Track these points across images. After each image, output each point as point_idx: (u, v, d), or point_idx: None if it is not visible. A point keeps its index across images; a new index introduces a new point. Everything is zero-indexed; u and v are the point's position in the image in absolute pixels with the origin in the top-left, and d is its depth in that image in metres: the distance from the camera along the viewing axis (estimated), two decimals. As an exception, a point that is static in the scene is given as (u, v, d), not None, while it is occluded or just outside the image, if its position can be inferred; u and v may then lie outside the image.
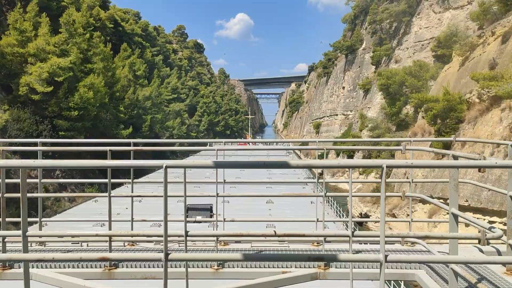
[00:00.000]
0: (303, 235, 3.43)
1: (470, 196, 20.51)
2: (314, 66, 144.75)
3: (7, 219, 5.03)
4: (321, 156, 33.05)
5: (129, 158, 5.70)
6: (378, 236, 2.95)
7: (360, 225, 32.69)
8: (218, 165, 3.27)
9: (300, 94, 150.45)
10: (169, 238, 3.05)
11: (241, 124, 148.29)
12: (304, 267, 5.03)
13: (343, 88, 78.51)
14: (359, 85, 66.29)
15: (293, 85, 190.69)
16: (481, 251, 5.35)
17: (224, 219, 5.99)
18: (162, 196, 2.93)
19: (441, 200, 17.64)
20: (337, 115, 78.32)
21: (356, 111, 64.48)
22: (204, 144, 31.25)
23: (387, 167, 2.79)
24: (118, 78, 47.62)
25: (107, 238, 5.37)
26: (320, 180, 6.42)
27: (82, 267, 5.19)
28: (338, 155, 53.83)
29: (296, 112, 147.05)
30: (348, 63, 78.63)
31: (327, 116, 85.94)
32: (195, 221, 6.65)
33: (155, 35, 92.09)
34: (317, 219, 5.90)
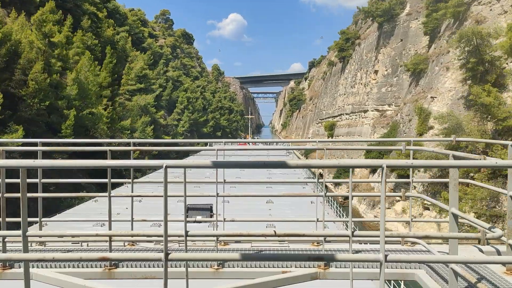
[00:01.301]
0: (303, 235, 3.43)
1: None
2: (315, 62, 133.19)
3: (7, 219, 5.03)
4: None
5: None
6: (378, 236, 2.95)
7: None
8: (218, 165, 3.28)
9: (301, 91, 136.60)
10: (169, 238, 3.05)
11: (235, 124, 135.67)
12: (304, 267, 5.03)
13: (375, 72, 55.08)
14: (405, 65, 44.25)
15: (292, 83, 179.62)
16: (481, 251, 5.35)
17: (224, 219, 5.99)
18: (162, 196, 2.93)
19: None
20: (366, 111, 55.38)
21: (402, 103, 43.25)
22: (204, 144, 31.29)
23: (387, 167, 2.80)
24: (23, 47, 31.07)
25: (107, 238, 5.37)
26: (320, 180, 6.42)
27: (82, 267, 5.20)
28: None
29: (298, 111, 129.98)
30: (383, 36, 54.43)
31: (347, 114, 64.14)
32: (195, 221, 6.66)
33: (124, 13, 71.57)
34: (317, 219, 5.90)
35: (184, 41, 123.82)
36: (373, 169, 38.08)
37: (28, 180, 3.69)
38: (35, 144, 6.14)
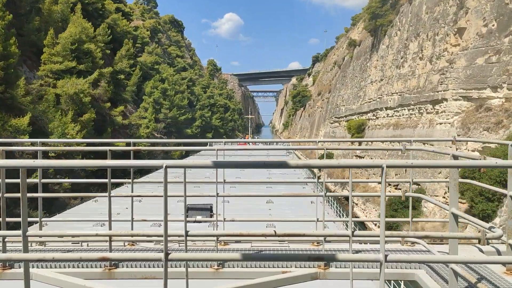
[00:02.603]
0: (303, 235, 3.43)
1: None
2: (319, 56, 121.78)
3: (7, 219, 5.03)
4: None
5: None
6: (378, 236, 2.95)
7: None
8: (218, 165, 3.28)
9: (305, 88, 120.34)
10: (169, 238, 3.06)
11: (232, 123, 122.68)
12: (304, 267, 5.03)
13: (457, 33, 30.79)
14: None
15: (294, 80, 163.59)
16: (481, 251, 5.35)
17: (224, 219, 5.99)
18: (162, 196, 2.93)
19: None
20: (439, 102, 31.52)
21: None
22: (204, 144, 31.30)
23: (387, 167, 2.80)
24: None
25: (107, 238, 5.38)
26: (320, 180, 6.42)
27: (82, 267, 5.20)
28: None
29: (302, 109, 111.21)
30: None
31: (390, 108, 41.37)
32: (195, 221, 6.65)
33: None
34: (317, 219, 5.90)
35: (174, 29, 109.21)
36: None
37: (28, 180, 3.70)
38: (35, 144, 6.15)
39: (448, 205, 4.21)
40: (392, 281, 11.87)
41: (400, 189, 31.83)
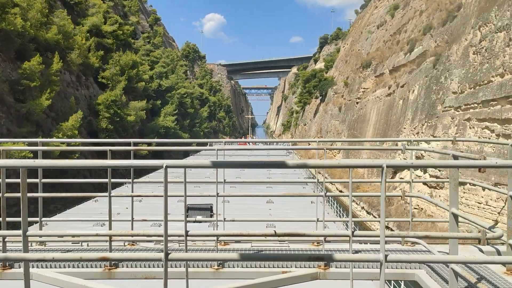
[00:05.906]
0: (303, 235, 3.43)
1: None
2: (328, 38, 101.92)
3: (7, 219, 5.03)
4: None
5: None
6: (378, 236, 2.95)
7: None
8: (218, 165, 3.28)
9: (321, 69, 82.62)
10: (169, 238, 3.06)
11: (215, 123, 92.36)
12: (304, 267, 5.03)
13: None
14: None
15: (294, 69, 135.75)
16: (481, 251, 5.35)
17: (224, 219, 5.99)
18: (162, 196, 2.93)
19: None
20: None
21: None
22: (204, 144, 31.31)
23: (387, 167, 2.80)
24: None
25: (107, 238, 5.38)
26: (320, 180, 6.42)
27: (83, 267, 5.20)
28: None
29: (319, 101, 71.92)
30: None
31: None
32: (195, 221, 6.65)
33: None
34: (317, 219, 5.90)
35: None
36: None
37: (28, 180, 3.70)
38: (35, 144, 6.15)
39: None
40: (392, 281, 11.86)
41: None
